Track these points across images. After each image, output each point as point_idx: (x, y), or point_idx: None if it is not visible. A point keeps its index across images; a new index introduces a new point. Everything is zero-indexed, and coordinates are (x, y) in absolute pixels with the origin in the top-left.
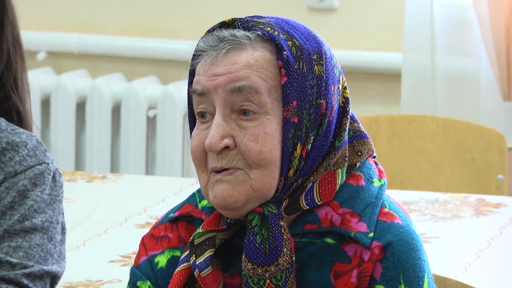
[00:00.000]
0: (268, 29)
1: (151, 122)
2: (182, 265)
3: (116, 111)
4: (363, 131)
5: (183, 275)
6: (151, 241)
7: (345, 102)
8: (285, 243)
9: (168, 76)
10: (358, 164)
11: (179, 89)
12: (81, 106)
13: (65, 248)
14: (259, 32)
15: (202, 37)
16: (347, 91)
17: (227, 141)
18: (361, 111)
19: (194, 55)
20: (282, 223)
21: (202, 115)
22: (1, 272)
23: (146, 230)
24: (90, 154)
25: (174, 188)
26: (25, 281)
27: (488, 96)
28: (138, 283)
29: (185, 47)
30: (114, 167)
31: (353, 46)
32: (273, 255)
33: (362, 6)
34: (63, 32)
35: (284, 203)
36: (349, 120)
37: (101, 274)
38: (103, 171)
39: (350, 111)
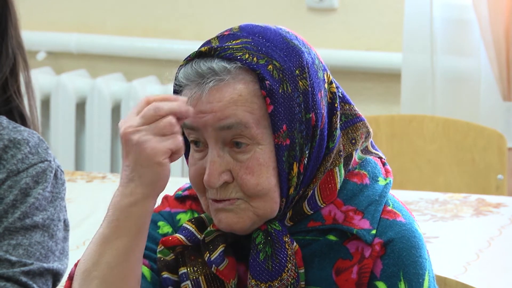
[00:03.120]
0: (246, 56)
1: None
2: (181, 236)
3: (116, 111)
4: (355, 114)
5: (175, 241)
6: (175, 201)
7: (332, 98)
8: (290, 259)
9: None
10: (354, 154)
11: None
12: (81, 106)
13: (68, 245)
14: (239, 64)
15: (180, 67)
16: (334, 85)
17: (225, 177)
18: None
19: (175, 89)
20: (286, 239)
21: (195, 143)
22: (0, 270)
23: None
24: (90, 154)
25: (174, 188)
26: (24, 279)
27: (487, 96)
28: (160, 223)
29: (185, 47)
30: (114, 167)
31: (352, 46)
32: (276, 270)
33: (361, 6)
34: (62, 32)
35: (288, 214)
36: (339, 117)
37: None
38: (103, 171)
39: (339, 91)
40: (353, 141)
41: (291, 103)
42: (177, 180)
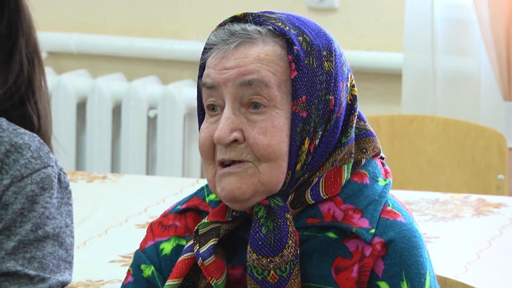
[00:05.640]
0: (279, 24)
1: (152, 122)
2: (186, 255)
3: (116, 111)
4: (369, 130)
5: (185, 264)
6: (159, 228)
7: (352, 99)
8: (290, 235)
9: (168, 76)
10: (363, 161)
11: (179, 89)
12: (81, 106)
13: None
14: (270, 27)
15: (213, 31)
16: (355, 89)
17: (236, 135)
18: (361, 111)
19: (204, 48)
20: (288, 215)
21: (212, 108)
22: (22, 287)
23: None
24: (91, 154)
25: (175, 188)
26: None
27: (488, 96)
28: (142, 266)
29: (185, 47)
30: (115, 167)
31: (353, 46)
32: (278, 246)
33: (362, 6)
34: (63, 32)
35: (290, 197)
36: (356, 117)
37: (101, 274)
38: (104, 171)
39: (358, 109)
40: (364, 150)
41: (314, 78)
42: (178, 180)
